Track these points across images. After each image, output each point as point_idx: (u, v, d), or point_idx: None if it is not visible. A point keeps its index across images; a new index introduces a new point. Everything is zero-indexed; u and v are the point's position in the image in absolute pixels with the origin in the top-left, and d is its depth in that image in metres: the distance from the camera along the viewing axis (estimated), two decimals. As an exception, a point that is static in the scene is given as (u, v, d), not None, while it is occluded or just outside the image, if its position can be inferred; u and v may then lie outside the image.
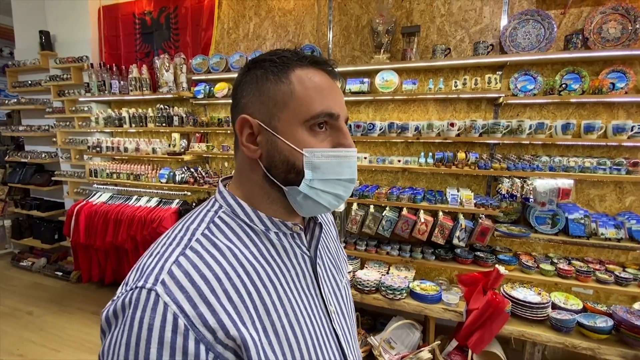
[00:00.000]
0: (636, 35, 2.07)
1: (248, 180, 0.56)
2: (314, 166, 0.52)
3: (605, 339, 1.88)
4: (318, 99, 0.52)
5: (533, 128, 2.17)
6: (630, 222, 2.08)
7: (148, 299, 0.42)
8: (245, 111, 0.54)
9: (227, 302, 0.45)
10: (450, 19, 2.48)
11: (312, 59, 0.54)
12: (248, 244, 0.52)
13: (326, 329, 0.57)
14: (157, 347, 0.40)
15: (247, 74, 0.55)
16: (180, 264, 0.45)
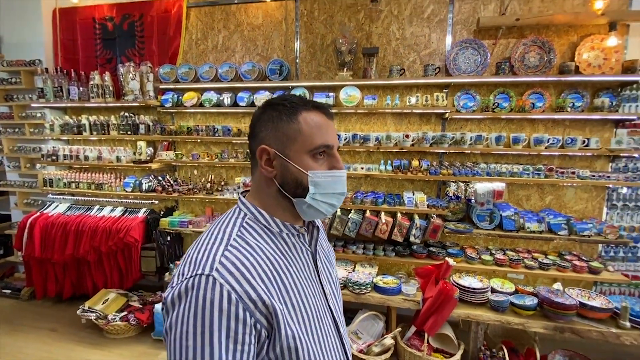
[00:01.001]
0: (550, 64, 2.54)
1: (265, 193, 0.74)
2: (315, 183, 0.71)
3: (532, 314, 2.27)
4: (318, 135, 0.70)
5: (473, 139, 2.56)
6: (549, 217, 2.54)
7: (207, 282, 0.58)
8: (264, 142, 0.72)
9: (261, 283, 0.62)
10: (404, 42, 2.81)
11: (314, 104, 0.73)
12: (269, 242, 0.70)
13: (324, 306, 0.76)
14: (218, 314, 0.56)
15: (264, 113, 0.73)
16: (227, 257, 0.62)
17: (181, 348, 0.56)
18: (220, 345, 0.56)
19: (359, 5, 2.85)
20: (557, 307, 2.19)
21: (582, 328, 2.15)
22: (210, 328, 0.56)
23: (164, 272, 3.08)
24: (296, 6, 2.96)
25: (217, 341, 0.56)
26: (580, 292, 2.33)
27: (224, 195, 3.09)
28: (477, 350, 2.39)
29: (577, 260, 2.49)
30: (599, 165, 2.61)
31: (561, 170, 2.49)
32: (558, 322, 2.19)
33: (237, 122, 3.21)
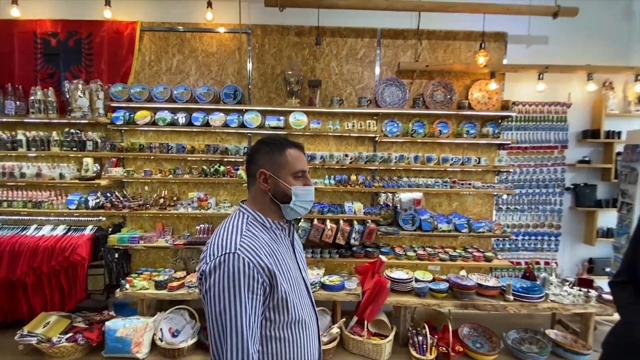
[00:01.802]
0: (451, 100, 3.30)
1: (260, 201, 1.11)
2: (296, 194, 1.09)
3: (445, 296, 2.87)
4: (298, 163, 1.09)
5: (397, 158, 3.17)
6: (455, 219, 3.23)
7: (234, 257, 0.91)
8: (262, 167, 1.08)
9: (265, 257, 0.97)
10: (342, 77, 3.36)
11: (293, 143, 1.12)
12: (265, 233, 1.06)
13: (300, 276, 1.13)
14: (243, 275, 0.90)
15: (261, 148, 1.11)
16: (243, 241, 0.96)
17: (220, 298, 0.89)
18: (244, 294, 0.90)
19: (304, 44, 3.34)
20: (462, 289, 2.82)
21: (480, 303, 2.79)
22: (238, 283, 0.90)
23: (113, 289, 3.06)
24: (249, 39, 3.33)
25: (243, 292, 0.90)
26: (479, 276, 3.00)
27: (178, 210, 3.23)
28: (406, 330, 2.90)
29: (476, 252, 3.20)
30: (488, 178, 3.42)
31: (462, 182, 3.22)
32: (463, 300, 2.81)
33: (191, 140, 3.40)
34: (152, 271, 3.19)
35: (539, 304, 2.79)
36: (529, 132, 3.42)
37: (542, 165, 3.44)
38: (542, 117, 3.41)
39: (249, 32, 3.32)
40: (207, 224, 3.35)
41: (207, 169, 3.26)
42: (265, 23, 3.32)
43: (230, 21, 3.31)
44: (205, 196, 3.29)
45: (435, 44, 3.36)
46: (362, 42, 3.34)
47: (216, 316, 0.90)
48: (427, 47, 3.36)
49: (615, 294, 1.44)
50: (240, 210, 1.10)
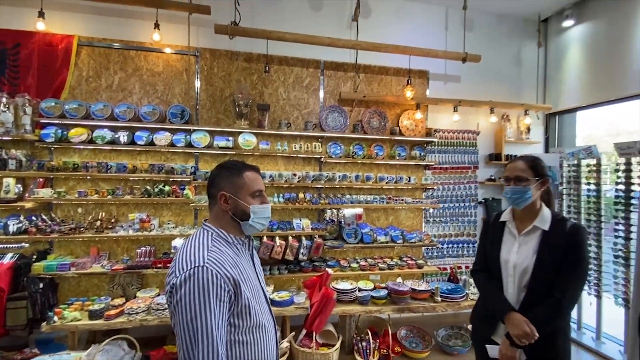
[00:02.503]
0: (385, 127, 3.74)
1: (222, 220, 1.23)
2: (254, 212, 1.23)
3: (384, 302, 3.16)
4: (255, 184, 1.24)
5: (341, 177, 3.47)
6: (392, 231, 3.61)
7: (203, 269, 1.03)
8: (223, 190, 1.21)
9: (230, 268, 1.09)
10: (289, 102, 3.60)
11: (250, 166, 1.27)
12: (228, 248, 1.18)
13: (259, 286, 1.26)
14: (212, 285, 1.01)
15: (221, 172, 1.23)
16: (210, 256, 1.08)
17: (192, 307, 1.00)
18: (213, 302, 1.02)
19: (253, 69, 3.52)
20: (399, 294, 3.15)
21: (414, 306, 3.14)
22: (208, 293, 1.01)
23: (37, 324, 2.75)
24: (197, 61, 3.41)
25: (213, 300, 1.02)
26: (413, 282, 3.38)
27: (117, 232, 3.07)
28: (351, 338, 3.11)
29: (410, 260, 3.60)
30: (417, 194, 3.90)
31: (396, 198, 3.64)
32: (400, 304, 3.13)
33: (133, 160, 3.28)
34: (85, 300, 2.94)
35: (462, 303, 3.23)
36: (448, 155, 4.02)
37: (460, 182, 4.05)
38: (457, 142, 4.05)
39: (198, 55, 3.40)
40: (149, 247, 3.22)
41: (150, 189, 3.18)
42: (215, 47, 3.44)
43: (178, 42, 3.36)
44: (147, 217, 3.18)
45: (370, 77, 3.81)
46: (307, 72, 3.65)
47: (187, 323, 0.99)
48: (364, 80, 3.79)
49: (475, 279, 1.88)
50: (203, 228, 1.22)
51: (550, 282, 1.55)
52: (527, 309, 1.58)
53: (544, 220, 1.62)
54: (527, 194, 1.59)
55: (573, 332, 3.62)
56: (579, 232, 1.56)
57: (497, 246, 1.72)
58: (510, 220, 1.72)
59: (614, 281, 3.22)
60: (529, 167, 1.63)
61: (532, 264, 1.57)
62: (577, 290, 1.57)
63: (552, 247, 1.56)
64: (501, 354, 1.62)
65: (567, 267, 1.53)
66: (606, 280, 3.31)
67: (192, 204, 3.18)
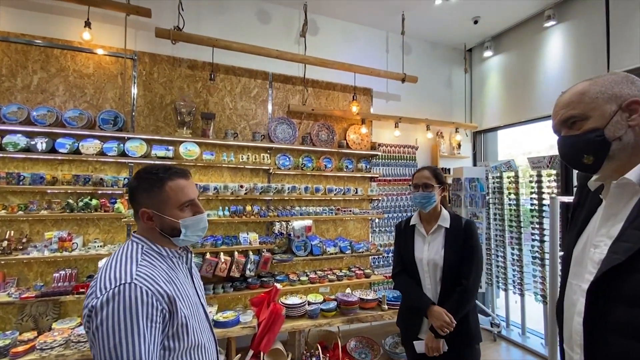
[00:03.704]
0: (333, 140, 3.83)
1: (150, 235, 1.10)
2: (186, 226, 1.10)
3: (334, 314, 3.15)
4: (182, 195, 1.07)
5: (290, 189, 3.44)
6: (340, 242, 3.65)
7: (131, 287, 0.90)
8: (143, 206, 1.07)
9: (164, 284, 0.98)
10: (236, 112, 3.52)
11: (175, 171, 1.09)
12: (162, 262, 1.07)
13: (198, 302, 1.16)
14: (141, 304, 0.89)
15: (139, 185, 1.08)
16: (139, 270, 0.96)
17: (115, 331, 0.86)
18: (142, 324, 0.90)
19: (197, 77, 3.39)
20: (348, 305, 3.16)
21: (362, 316, 3.17)
22: (136, 313, 0.89)
23: None
24: (134, 65, 3.17)
25: (142, 321, 0.90)
26: (361, 292, 3.42)
27: (30, 254, 2.64)
28: (301, 354, 3.02)
29: (358, 270, 3.66)
30: (364, 205, 4.03)
31: (344, 209, 3.71)
32: (349, 315, 3.14)
33: (52, 170, 2.89)
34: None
35: (407, 309, 3.35)
36: (391, 168, 4.25)
37: (402, 194, 4.29)
38: (399, 156, 4.30)
39: (135, 59, 3.18)
40: (69, 269, 2.82)
41: (73, 203, 2.81)
42: (155, 52, 3.25)
43: (112, 44, 3.10)
44: (69, 235, 2.79)
45: (318, 92, 3.91)
46: (255, 82, 3.61)
47: (111, 351, 0.85)
48: (312, 94, 3.87)
49: (396, 283, 2.06)
50: (133, 240, 1.09)
51: (457, 271, 1.80)
52: (444, 300, 1.81)
53: (445, 219, 1.89)
54: (433, 198, 1.86)
55: (503, 329, 3.96)
56: (471, 226, 1.86)
57: (410, 247, 1.95)
58: (419, 222, 1.96)
59: (533, 280, 3.62)
60: (433, 176, 1.91)
61: (441, 258, 1.82)
62: (479, 274, 1.84)
63: (454, 241, 1.83)
64: (427, 347, 1.81)
65: (467, 257, 1.81)
66: (527, 280, 3.72)
67: (124, 219, 2.87)
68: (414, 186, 1.95)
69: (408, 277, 1.94)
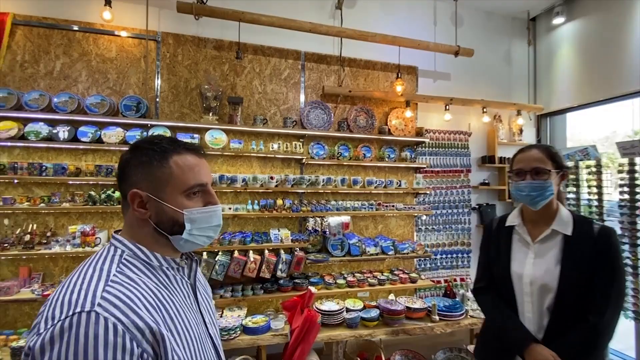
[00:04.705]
0: (373, 126, 3.39)
1: (140, 232, 0.76)
2: (192, 220, 0.77)
3: (376, 324, 2.74)
4: (191, 176, 0.77)
5: (325, 181, 3.06)
6: (382, 242, 3.22)
7: (89, 318, 0.57)
8: (135, 186, 0.74)
9: (147, 312, 0.64)
10: (265, 96, 3.19)
11: (184, 145, 0.80)
12: (150, 276, 0.73)
13: (204, 333, 0.81)
14: (103, 348, 0.56)
15: (133, 158, 0.76)
16: (109, 292, 0.62)
17: None
18: None
19: (224, 58, 3.09)
20: (392, 314, 2.73)
21: (410, 328, 2.74)
22: None
23: None
24: (158, 47, 2.94)
25: None
26: (406, 299, 2.98)
27: (53, 248, 2.50)
28: (339, 368, 2.67)
29: (402, 273, 3.21)
30: (408, 200, 3.55)
31: (386, 204, 3.27)
32: (394, 326, 2.72)
33: (75, 160, 2.74)
34: (10, 334, 2.35)
35: (461, 321, 2.87)
36: (439, 157, 3.72)
37: (452, 187, 3.75)
38: (449, 143, 3.76)
39: (159, 40, 2.94)
40: (95, 265, 2.66)
41: (95, 195, 2.64)
42: (179, 32, 2.99)
43: (135, 25, 2.89)
44: (92, 229, 2.63)
45: (356, 72, 3.47)
46: (286, 63, 3.26)
47: None
48: (349, 74, 3.44)
49: (479, 301, 1.54)
50: (112, 245, 0.75)
51: (580, 301, 1.23)
52: (553, 339, 1.26)
53: (565, 222, 1.30)
54: (548, 190, 1.28)
55: None
56: (610, 237, 1.26)
57: (505, 258, 1.39)
58: (520, 224, 1.39)
59: (622, 292, 2.95)
60: (548, 157, 1.31)
61: (555, 279, 1.26)
62: (617, 310, 1.24)
63: (579, 256, 1.25)
64: None
65: (601, 282, 1.23)
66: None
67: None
68: (515, 173, 1.35)
69: (497, 297, 1.42)
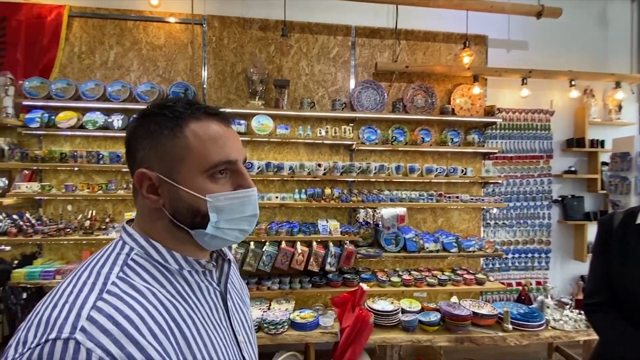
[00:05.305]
0: (433, 105, 2.99)
1: (153, 225, 0.58)
2: (218, 209, 0.57)
3: (437, 329, 2.43)
4: (214, 150, 0.56)
5: (377, 169, 2.77)
6: (442, 237, 2.85)
7: (66, 349, 0.40)
8: (143, 165, 0.56)
9: (153, 339, 0.46)
10: (313, 78, 2.96)
11: (205, 109, 0.58)
12: (164, 284, 0.54)
13: (236, 357, 0.61)
14: None
15: (140, 127, 0.57)
16: (100, 309, 0.44)
17: None
18: None
19: (269, 39, 2.92)
20: (457, 319, 2.39)
21: (476, 336, 2.38)
22: None
23: (14, 342, 2.31)
24: (204, 32, 2.86)
25: None
26: (471, 302, 2.61)
27: (109, 234, 2.58)
28: (394, 374, 2.41)
29: (467, 274, 2.82)
30: (474, 190, 3.11)
31: (448, 195, 2.88)
32: (458, 333, 2.38)
33: (130, 149, 2.79)
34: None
35: (540, 333, 2.43)
36: (513, 141, 3.19)
37: (529, 176, 3.21)
38: (526, 124, 3.20)
39: (204, 24, 2.85)
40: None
41: (149, 183, 2.66)
42: (224, 14, 2.87)
43: (181, 10, 2.83)
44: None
45: (414, 45, 3.08)
46: (335, 40, 2.98)
47: None
48: (405, 48, 3.06)
49: (593, 319, 1.15)
50: (121, 239, 0.57)
51: None
52: None
53: None
54: None
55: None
56: None
57: (635, 267, 1.03)
58: None
59: None
60: None
61: None
62: None
63: None
64: None
65: None
66: None
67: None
68: None
69: (622, 318, 1.07)
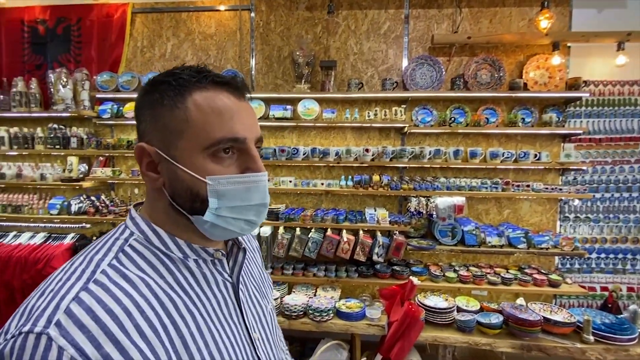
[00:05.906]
0: (500, 81, 2.62)
1: (156, 207, 0.53)
2: (219, 194, 0.50)
3: (498, 333, 2.18)
4: (218, 124, 0.49)
5: (432, 154, 2.53)
6: (508, 231, 2.52)
7: (37, 345, 0.36)
8: (143, 139, 0.51)
9: (139, 337, 0.41)
10: (361, 57, 2.78)
11: (214, 78, 0.52)
12: (164, 274, 0.49)
13: (249, 358, 0.55)
14: None
15: (145, 96, 0.52)
16: (81, 300, 0.40)
17: None
18: None
19: (316, 19, 2.80)
20: (523, 324, 2.12)
21: (548, 345, 2.08)
22: None
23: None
24: (251, 17, 2.85)
25: None
26: (542, 306, 2.28)
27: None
28: (446, 376, 2.24)
29: (537, 273, 2.47)
30: (550, 178, 2.68)
31: (517, 184, 2.52)
32: (524, 339, 2.11)
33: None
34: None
35: (631, 348, 2.04)
36: (604, 120, 2.66)
37: (623, 162, 2.66)
38: (621, 100, 2.64)
39: (252, 9, 2.84)
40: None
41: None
42: (271, -4, 2.83)
43: (230, -4, 2.85)
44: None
45: (478, 13, 2.70)
46: (386, 14, 2.75)
47: None
48: (467, 17, 2.71)
49: None
50: (125, 223, 0.54)
51: None
52: None
53: None
54: None
55: None
56: None
57: None
58: None
59: None
60: None
61: None
62: None
63: None
64: None
65: None
66: None
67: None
68: None
69: None
